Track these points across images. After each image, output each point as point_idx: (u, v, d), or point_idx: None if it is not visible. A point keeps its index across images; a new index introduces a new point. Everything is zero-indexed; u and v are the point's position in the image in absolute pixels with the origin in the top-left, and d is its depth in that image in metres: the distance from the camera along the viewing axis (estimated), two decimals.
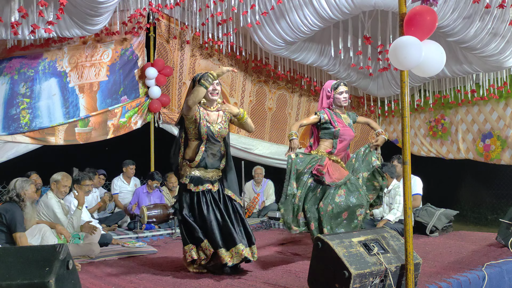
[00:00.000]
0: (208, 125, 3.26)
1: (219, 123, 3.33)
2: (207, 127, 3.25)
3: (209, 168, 3.31)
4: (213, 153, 3.33)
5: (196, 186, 3.25)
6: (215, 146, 3.33)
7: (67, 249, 2.05)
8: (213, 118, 3.31)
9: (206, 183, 3.28)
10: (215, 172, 3.35)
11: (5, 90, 5.00)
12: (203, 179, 3.28)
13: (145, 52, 5.87)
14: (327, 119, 3.83)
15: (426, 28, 2.47)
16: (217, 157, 3.36)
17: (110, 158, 6.70)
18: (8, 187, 3.69)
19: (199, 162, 3.27)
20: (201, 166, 3.29)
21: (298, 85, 7.37)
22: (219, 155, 3.37)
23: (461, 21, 4.60)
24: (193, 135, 3.32)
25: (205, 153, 3.28)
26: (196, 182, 3.26)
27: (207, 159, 3.29)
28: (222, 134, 3.36)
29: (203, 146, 3.27)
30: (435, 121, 7.53)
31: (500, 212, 6.70)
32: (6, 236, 3.49)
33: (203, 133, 3.25)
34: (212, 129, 3.27)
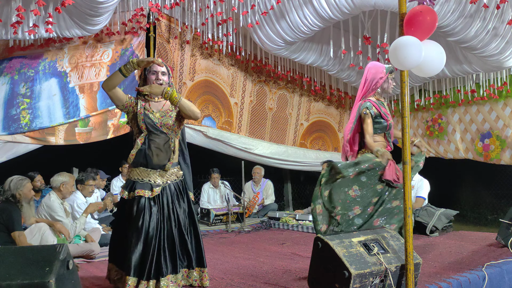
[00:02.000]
0: (146, 113, 2.81)
1: (162, 111, 2.86)
2: (144, 115, 2.80)
3: (150, 166, 2.80)
4: (157, 147, 2.80)
5: (129, 192, 2.78)
6: (159, 138, 2.81)
7: (67, 249, 2.05)
8: (156, 108, 2.87)
9: (142, 187, 2.75)
10: (159, 174, 2.81)
11: (5, 90, 5.00)
12: (139, 182, 2.77)
13: (145, 52, 5.86)
14: (377, 112, 3.27)
15: (426, 28, 2.46)
16: (164, 152, 2.82)
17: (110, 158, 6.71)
18: (4, 186, 3.69)
19: (135, 157, 2.77)
20: (140, 164, 2.79)
21: (298, 85, 7.37)
22: (166, 149, 2.83)
23: (461, 21, 4.60)
24: (135, 128, 2.89)
25: (143, 145, 2.78)
26: (130, 187, 2.79)
27: (148, 154, 2.77)
28: (167, 123, 2.83)
29: (142, 138, 2.78)
30: (432, 120, 7.53)
31: (500, 212, 6.70)
32: (4, 236, 3.49)
33: (140, 122, 2.79)
34: (152, 117, 2.80)
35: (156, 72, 2.86)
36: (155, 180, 2.80)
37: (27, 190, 3.66)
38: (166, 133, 2.84)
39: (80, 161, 6.46)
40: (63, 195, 4.20)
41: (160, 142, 2.82)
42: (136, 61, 2.72)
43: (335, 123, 8.13)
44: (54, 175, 4.30)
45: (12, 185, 3.62)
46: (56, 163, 6.40)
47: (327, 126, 8.03)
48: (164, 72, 2.89)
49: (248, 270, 3.41)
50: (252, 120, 6.93)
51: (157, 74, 2.87)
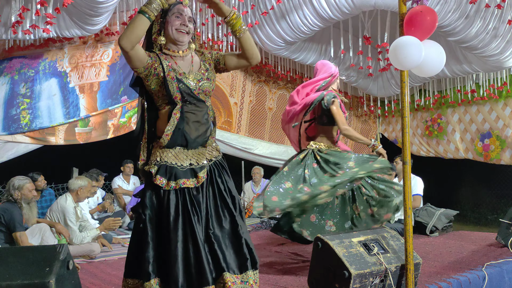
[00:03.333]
0: (179, 78, 2.09)
1: (197, 72, 2.16)
2: (177, 81, 2.08)
3: (190, 146, 2.12)
4: (196, 121, 2.13)
5: (168, 180, 2.05)
6: (198, 110, 2.13)
7: (67, 249, 2.05)
8: (185, 67, 2.16)
9: (185, 175, 2.07)
10: (199, 153, 2.15)
11: (5, 91, 5.00)
12: (179, 169, 2.07)
13: None
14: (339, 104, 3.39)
15: (426, 28, 2.46)
16: (204, 127, 2.15)
17: (110, 158, 6.72)
18: (6, 186, 3.70)
19: (171, 137, 2.06)
20: (178, 144, 2.10)
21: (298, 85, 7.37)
22: (206, 123, 2.17)
23: (462, 21, 4.60)
24: (161, 99, 2.14)
25: (181, 122, 2.07)
26: (168, 174, 2.06)
27: (186, 132, 2.09)
28: (206, 89, 2.16)
29: (177, 112, 2.07)
30: (431, 120, 7.53)
31: (500, 212, 6.70)
32: (6, 236, 3.50)
33: (174, 92, 2.06)
34: (188, 83, 2.10)
35: (182, 16, 2.14)
36: (198, 161, 2.13)
37: (27, 191, 3.65)
38: (204, 101, 2.16)
39: (80, 161, 6.46)
40: (79, 198, 4.24)
41: (199, 114, 2.13)
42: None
43: None
44: (73, 177, 4.34)
45: (12, 185, 3.62)
46: (56, 163, 6.42)
47: None
48: (191, 18, 2.19)
49: None
50: (251, 120, 6.93)
51: (183, 18, 2.14)
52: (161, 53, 2.15)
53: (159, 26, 2.15)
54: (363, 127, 8.48)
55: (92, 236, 4.12)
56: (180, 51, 2.17)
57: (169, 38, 2.14)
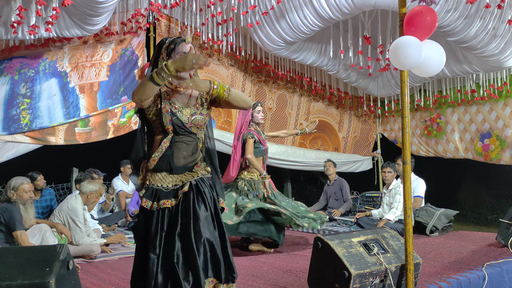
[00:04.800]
0: (173, 111, 2.23)
1: (192, 108, 2.29)
2: (171, 114, 2.22)
3: (176, 172, 2.28)
4: (185, 152, 2.29)
5: (152, 202, 2.23)
6: (187, 139, 2.29)
7: (67, 249, 2.05)
8: (183, 101, 2.28)
9: (166, 196, 2.23)
10: (185, 175, 2.31)
11: (6, 91, 5.00)
12: (163, 191, 2.25)
13: (145, 52, 5.87)
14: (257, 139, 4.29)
15: (426, 28, 2.47)
16: (191, 158, 2.32)
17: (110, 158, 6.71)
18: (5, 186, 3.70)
19: (157, 162, 2.23)
20: (163, 170, 2.26)
21: (298, 85, 7.37)
22: (194, 152, 2.32)
23: (461, 21, 4.60)
24: (156, 127, 2.29)
25: (169, 150, 2.24)
26: (153, 196, 2.24)
27: (173, 159, 2.25)
28: (198, 123, 2.29)
29: (167, 141, 2.24)
30: (430, 120, 7.53)
31: (500, 212, 6.70)
32: (6, 235, 3.50)
33: (167, 123, 2.22)
34: (181, 117, 2.24)
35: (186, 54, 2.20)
36: (181, 180, 2.28)
37: (22, 192, 3.63)
38: (195, 133, 2.31)
39: (80, 161, 6.46)
40: (87, 202, 4.26)
41: (189, 146, 2.30)
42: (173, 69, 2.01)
43: (335, 123, 8.13)
44: (85, 180, 4.35)
45: (9, 185, 3.63)
46: (56, 163, 6.42)
47: (327, 126, 8.03)
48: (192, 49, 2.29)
49: (248, 270, 3.41)
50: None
51: None
52: (164, 87, 2.28)
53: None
54: (363, 127, 8.49)
55: (99, 243, 4.13)
56: (181, 87, 2.30)
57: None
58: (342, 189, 6.50)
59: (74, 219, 4.01)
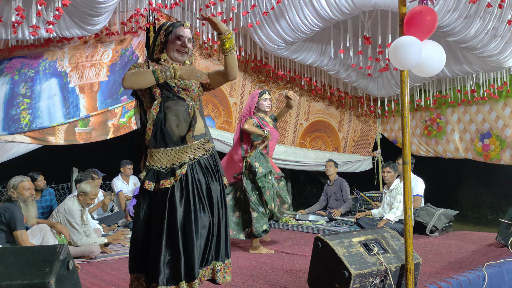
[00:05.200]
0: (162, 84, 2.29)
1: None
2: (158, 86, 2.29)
3: (171, 143, 2.29)
4: (175, 116, 2.28)
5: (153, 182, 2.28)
6: (176, 104, 2.29)
7: (67, 250, 2.05)
8: None
9: (165, 176, 2.26)
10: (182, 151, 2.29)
11: (6, 91, 5.00)
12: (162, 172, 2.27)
13: (145, 52, 5.87)
14: (256, 122, 4.23)
15: (426, 28, 2.46)
16: (184, 122, 2.29)
17: (110, 158, 6.72)
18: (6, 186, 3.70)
19: (153, 130, 2.25)
20: (160, 144, 2.28)
21: (298, 85, 7.38)
22: (186, 118, 2.30)
23: (461, 21, 4.61)
24: (146, 99, 2.37)
25: (160, 114, 2.25)
26: (155, 177, 2.28)
27: (165, 125, 2.25)
28: (186, 87, 2.33)
29: (156, 106, 2.26)
30: (430, 120, 7.54)
31: (500, 212, 6.71)
32: (7, 235, 3.50)
33: (154, 88, 2.28)
34: (168, 80, 2.28)
35: (182, 37, 2.33)
36: (179, 160, 2.28)
37: (23, 189, 3.64)
38: (184, 99, 2.32)
39: (80, 161, 6.47)
40: (83, 203, 4.26)
41: (179, 109, 2.28)
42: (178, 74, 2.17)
43: (335, 123, 8.14)
44: (83, 182, 4.34)
45: (9, 184, 3.63)
46: (56, 163, 6.42)
47: (327, 126, 8.03)
48: (190, 39, 2.38)
49: (248, 270, 3.41)
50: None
51: (183, 40, 2.33)
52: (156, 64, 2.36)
53: (162, 44, 2.38)
54: (363, 127, 8.49)
55: (99, 243, 4.13)
56: (174, 63, 2.36)
57: (169, 55, 2.37)
58: (342, 189, 6.50)
59: (70, 220, 4.00)
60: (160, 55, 2.38)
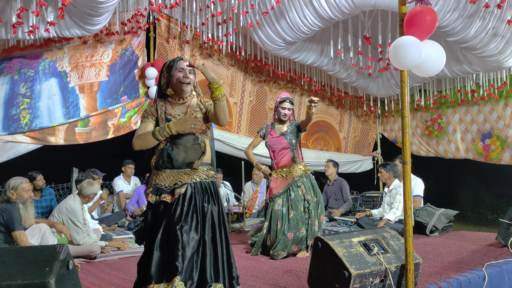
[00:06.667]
0: (168, 118, 2.48)
1: (188, 114, 2.53)
2: (166, 120, 2.48)
3: (177, 165, 2.45)
4: (183, 145, 2.45)
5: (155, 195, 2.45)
6: (185, 138, 2.45)
7: (67, 249, 2.05)
8: (180, 110, 2.54)
9: (165, 192, 2.42)
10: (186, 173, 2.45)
11: (5, 90, 5.00)
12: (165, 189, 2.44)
13: (145, 52, 5.87)
14: (263, 133, 4.28)
15: (426, 28, 2.46)
16: (192, 150, 2.46)
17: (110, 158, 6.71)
18: (4, 186, 3.70)
19: (158, 158, 2.44)
20: (165, 166, 2.45)
21: (298, 85, 7.38)
22: (195, 148, 2.47)
23: (461, 21, 4.61)
24: None
25: (168, 147, 2.44)
26: (157, 192, 2.45)
27: (172, 153, 2.43)
28: None
29: (165, 141, 2.45)
30: (431, 120, 7.54)
31: (500, 212, 6.70)
32: (5, 236, 3.49)
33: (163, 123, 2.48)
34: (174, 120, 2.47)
35: (183, 70, 2.51)
36: (181, 181, 2.43)
37: (22, 191, 3.63)
38: (193, 134, 2.46)
39: (80, 161, 6.46)
40: (86, 202, 4.27)
41: (187, 141, 2.45)
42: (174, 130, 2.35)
43: (335, 123, 8.14)
44: (85, 181, 4.34)
45: (8, 185, 3.62)
46: (56, 163, 6.41)
47: (328, 126, 8.03)
48: (191, 70, 2.55)
49: (248, 270, 3.41)
50: (251, 120, 6.93)
51: (185, 72, 2.51)
52: (163, 100, 2.57)
53: (166, 79, 2.55)
54: (363, 127, 8.49)
55: (100, 245, 4.13)
56: (181, 99, 2.55)
57: (173, 88, 2.53)
58: (342, 189, 6.49)
59: (73, 220, 4.00)
60: (167, 89, 2.55)
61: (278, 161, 4.21)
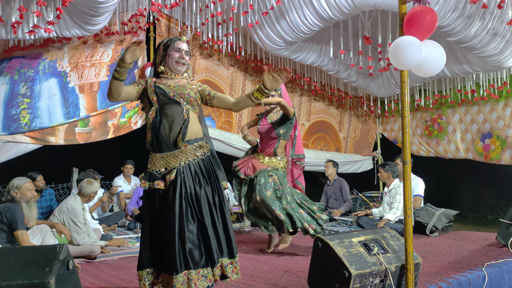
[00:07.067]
0: (157, 84, 2.48)
1: (178, 84, 2.51)
2: (155, 87, 2.47)
3: (166, 147, 2.42)
4: (169, 119, 2.41)
5: (148, 181, 2.46)
6: (172, 108, 2.42)
7: (67, 249, 2.05)
8: (172, 82, 2.53)
9: (157, 179, 2.42)
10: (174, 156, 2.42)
11: (5, 90, 5.00)
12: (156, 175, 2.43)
13: (145, 52, 5.87)
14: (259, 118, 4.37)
15: (426, 28, 2.46)
16: (178, 125, 2.41)
17: (110, 158, 6.71)
18: (7, 186, 3.70)
19: (150, 136, 2.43)
20: (155, 145, 2.43)
21: (298, 85, 7.37)
22: (180, 120, 2.42)
23: (461, 21, 4.61)
24: (147, 107, 2.54)
25: (156, 118, 2.41)
26: (150, 178, 2.46)
27: (160, 129, 2.40)
28: (181, 93, 2.45)
29: (153, 112, 2.43)
30: (431, 120, 7.54)
31: (500, 212, 6.70)
32: (7, 235, 3.49)
33: (151, 94, 2.46)
34: (163, 87, 2.46)
35: (180, 50, 2.51)
36: (170, 165, 2.40)
37: (26, 190, 3.64)
38: (180, 103, 2.44)
39: (80, 161, 6.46)
40: (87, 201, 4.27)
41: (174, 114, 2.41)
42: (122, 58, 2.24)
43: (335, 123, 8.13)
44: (84, 180, 4.34)
45: (12, 185, 3.62)
46: (56, 163, 6.41)
47: (328, 127, 8.03)
48: (187, 52, 2.56)
49: (248, 270, 3.41)
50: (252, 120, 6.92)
51: (181, 52, 2.52)
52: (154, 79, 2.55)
53: (161, 57, 2.56)
54: (363, 127, 8.49)
55: (100, 244, 4.13)
56: (173, 75, 2.55)
57: (168, 67, 2.54)
58: (341, 189, 6.49)
59: (74, 220, 4.01)
60: (159, 67, 2.57)
61: (263, 148, 4.28)
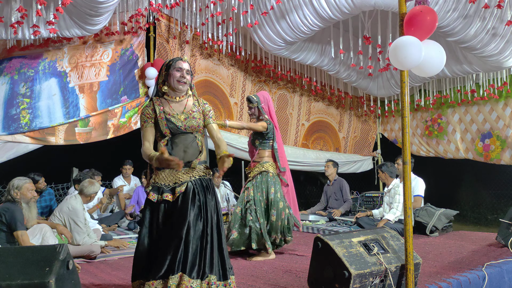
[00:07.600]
0: (168, 118, 2.57)
1: (185, 113, 2.61)
2: (166, 120, 2.57)
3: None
4: (182, 145, 2.58)
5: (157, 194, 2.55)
6: (183, 137, 2.59)
7: (67, 249, 2.05)
8: (178, 109, 2.63)
9: (166, 192, 2.53)
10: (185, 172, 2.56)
11: (5, 90, 5.00)
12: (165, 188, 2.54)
13: (145, 52, 5.87)
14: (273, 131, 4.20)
15: (426, 28, 2.47)
16: (191, 150, 2.58)
17: (110, 158, 6.71)
18: (7, 186, 3.70)
19: None
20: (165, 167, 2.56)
21: (298, 85, 7.37)
22: (194, 147, 2.60)
23: (461, 21, 4.61)
24: (158, 136, 2.65)
25: (168, 147, 2.55)
26: (158, 191, 2.55)
27: (172, 153, 2.53)
28: (192, 126, 2.60)
29: (164, 141, 2.57)
30: (431, 120, 7.54)
31: (500, 212, 6.70)
32: (7, 235, 3.49)
33: (163, 128, 2.56)
34: (175, 121, 2.57)
35: (181, 69, 2.61)
36: (181, 179, 2.53)
37: (26, 190, 3.64)
38: (191, 132, 2.61)
39: (80, 161, 6.46)
40: (87, 202, 4.27)
41: (186, 141, 2.58)
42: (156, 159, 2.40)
43: (335, 123, 8.13)
44: (85, 180, 4.34)
45: (12, 185, 3.62)
46: (56, 163, 6.42)
47: (327, 126, 8.03)
48: (188, 71, 2.65)
49: (248, 270, 3.41)
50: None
51: (182, 72, 2.61)
52: (159, 98, 2.67)
53: (164, 77, 2.66)
54: (363, 127, 8.49)
55: (100, 244, 4.13)
56: (177, 97, 2.66)
57: (170, 87, 2.63)
58: (342, 189, 6.49)
59: (75, 219, 4.01)
60: (162, 87, 2.66)
61: (252, 158, 4.25)
